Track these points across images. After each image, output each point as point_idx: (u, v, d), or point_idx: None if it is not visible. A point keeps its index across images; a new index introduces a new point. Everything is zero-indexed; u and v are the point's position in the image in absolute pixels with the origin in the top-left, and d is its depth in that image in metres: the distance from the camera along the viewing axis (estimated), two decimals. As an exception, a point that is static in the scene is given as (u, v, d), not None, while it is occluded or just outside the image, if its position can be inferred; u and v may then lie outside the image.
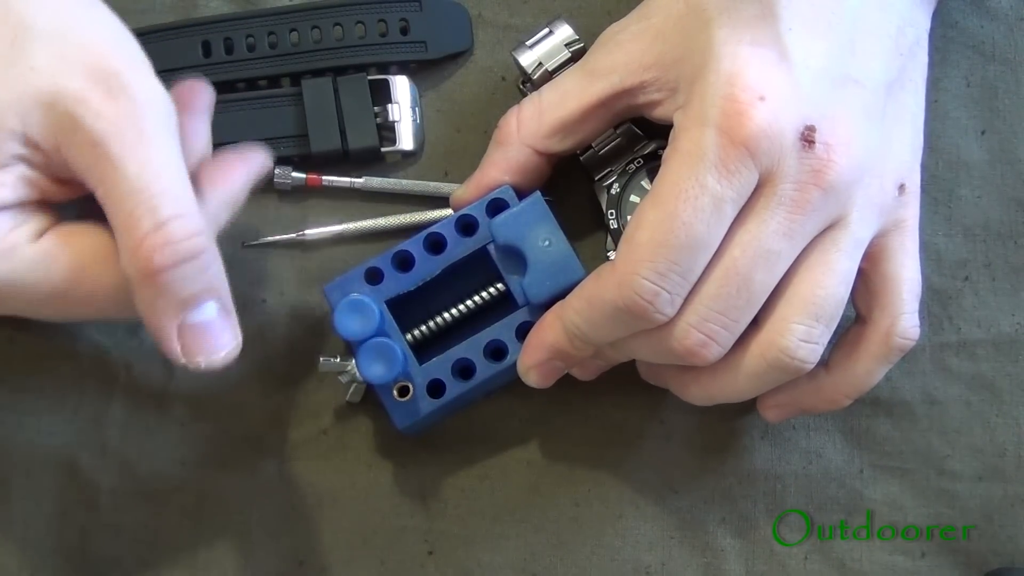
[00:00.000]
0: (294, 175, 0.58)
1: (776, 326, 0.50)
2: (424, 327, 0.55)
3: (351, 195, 0.59)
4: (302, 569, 0.57)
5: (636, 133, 0.56)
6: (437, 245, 0.55)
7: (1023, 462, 0.58)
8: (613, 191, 0.56)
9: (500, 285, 0.55)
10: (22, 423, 0.57)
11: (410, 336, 0.55)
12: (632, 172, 0.56)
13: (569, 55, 0.56)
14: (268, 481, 0.57)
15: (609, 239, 0.56)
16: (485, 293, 0.55)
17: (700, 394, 0.53)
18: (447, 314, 0.55)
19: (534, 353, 0.53)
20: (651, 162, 0.56)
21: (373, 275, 0.54)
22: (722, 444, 0.58)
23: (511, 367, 0.54)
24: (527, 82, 0.57)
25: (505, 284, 0.55)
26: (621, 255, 0.49)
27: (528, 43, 0.56)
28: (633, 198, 0.56)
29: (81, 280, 0.48)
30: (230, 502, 0.57)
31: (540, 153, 0.55)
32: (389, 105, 0.58)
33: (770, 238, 0.48)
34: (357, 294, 0.53)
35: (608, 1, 0.59)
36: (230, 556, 0.57)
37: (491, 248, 0.54)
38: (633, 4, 0.54)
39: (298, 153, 0.58)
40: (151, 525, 0.57)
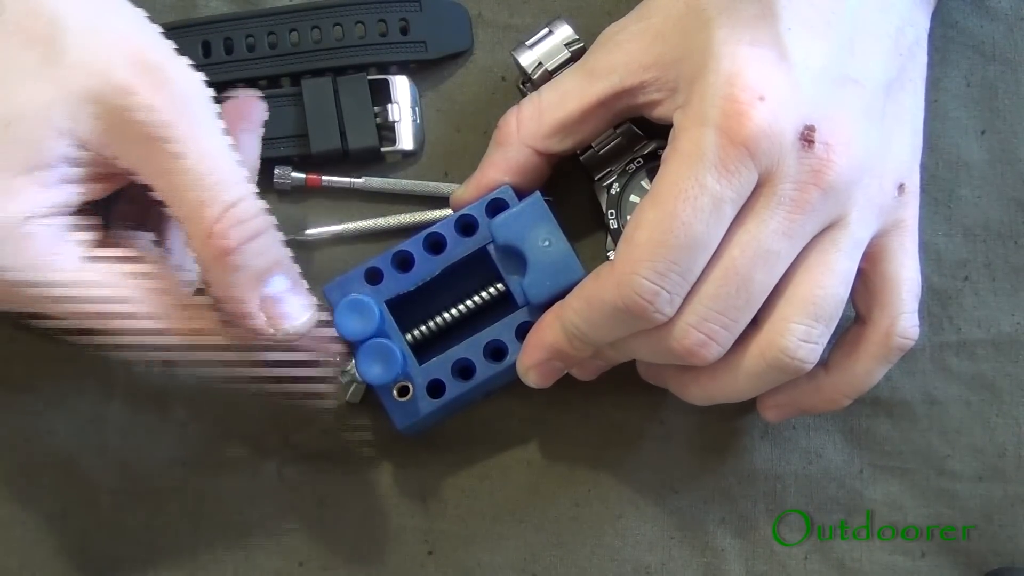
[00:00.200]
0: (294, 175, 0.58)
1: (776, 326, 0.50)
2: (424, 327, 0.55)
3: (351, 195, 0.59)
4: (302, 569, 0.57)
5: (636, 133, 0.56)
6: (437, 245, 0.55)
7: (1023, 462, 0.58)
8: (613, 191, 0.56)
9: (500, 285, 0.55)
10: (22, 423, 0.57)
11: (410, 336, 0.55)
12: (632, 172, 0.56)
13: (569, 55, 0.56)
14: (268, 481, 0.57)
15: (609, 239, 0.56)
16: (485, 293, 0.55)
17: (700, 394, 0.53)
18: (447, 314, 0.55)
19: (533, 353, 0.53)
20: (651, 162, 0.56)
21: (373, 275, 0.54)
22: (722, 444, 0.58)
23: (511, 367, 0.54)
24: (527, 82, 0.57)
25: (505, 284, 0.55)
26: (620, 255, 0.49)
27: (528, 43, 0.56)
28: (633, 198, 0.56)
29: (121, 307, 0.47)
30: (230, 502, 0.57)
31: (540, 153, 0.55)
32: (389, 105, 0.58)
33: (770, 238, 0.48)
34: (357, 294, 0.53)
35: (608, 1, 0.59)
36: (230, 556, 0.57)
37: (491, 248, 0.54)
38: (633, 4, 0.54)
39: (298, 153, 0.58)
40: (151, 525, 0.57)
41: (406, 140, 0.59)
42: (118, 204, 0.51)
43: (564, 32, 0.56)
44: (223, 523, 0.57)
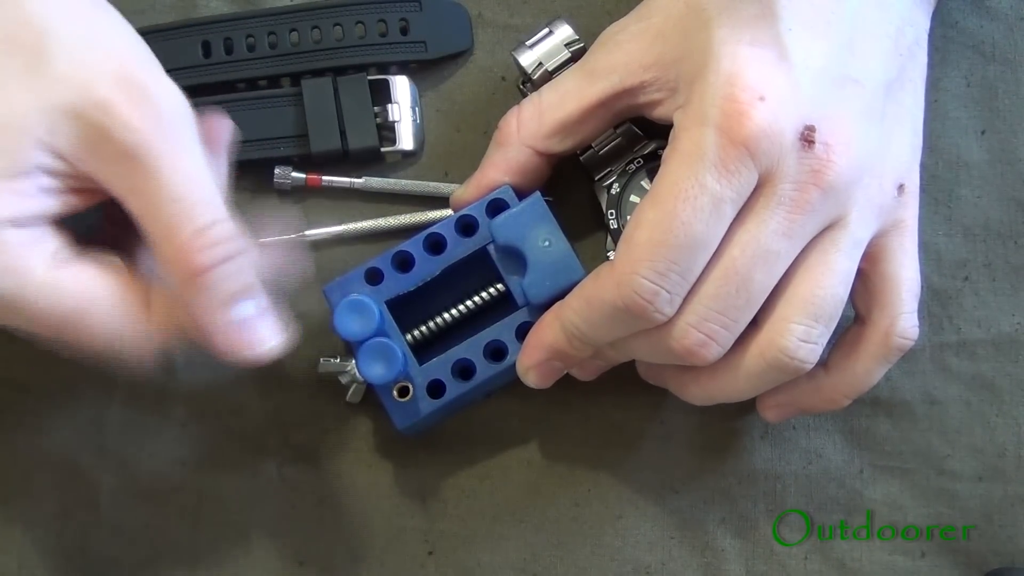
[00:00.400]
0: (294, 175, 0.58)
1: (775, 326, 0.50)
2: (424, 327, 0.55)
3: (351, 195, 0.59)
4: (302, 569, 0.57)
5: (636, 133, 0.56)
6: (437, 245, 0.55)
7: (1023, 462, 0.58)
8: (613, 191, 0.56)
9: (500, 285, 0.55)
10: (22, 423, 0.57)
11: (410, 336, 0.55)
12: (632, 172, 0.56)
13: (569, 55, 0.56)
14: (268, 481, 0.57)
15: (609, 239, 0.56)
16: (485, 293, 0.55)
17: (699, 394, 0.53)
18: (447, 314, 0.55)
19: (533, 353, 0.53)
20: (651, 162, 0.56)
21: (373, 275, 0.54)
22: (722, 444, 0.58)
23: (511, 367, 0.54)
24: (527, 82, 0.57)
25: (505, 284, 0.55)
26: (620, 255, 0.49)
27: (528, 43, 0.56)
28: (633, 198, 0.56)
29: (89, 314, 0.47)
30: (230, 502, 0.57)
31: (540, 153, 0.55)
32: (389, 105, 0.58)
33: (769, 238, 0.48)
34: (357, 294, 0.53)
35: (608, 1, 0.59)
36: (230, 556, 0.57)
37: (491, 248, 0.54)
38: (633, 4, 0.54)
39: (298, 153, 0.58)
40: (151, 525, 0.57)
41: (406, 140, 0.59)
42: (100, 224, 0.51)
43: (564, 32, 0.56)
44: (223, 523, 0.57)
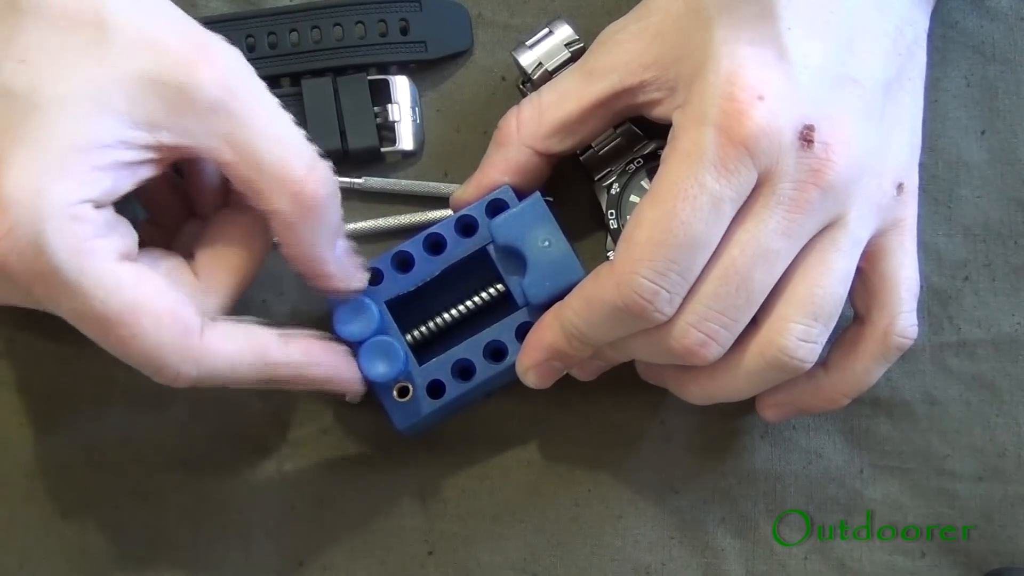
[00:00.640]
0: (294, 175, 0.58)
1: (775, 325, 0.50)
2: (424, 328, 0.55)
3: (351, 195, 0.59)
4: (302, 569, 0.57)
5: (636, 133, 0.56)
6: (437, 246, 0.55)
7: (1023, 462, 0.58)
8: (613, 191, 0.56)
9: (500, 286, 0.55)
10: (22, 423, 0.57)
11: (410, 337, 0.55)
12: (632, 172, 0.56)
13: (569, 55, 0.56)
14: (268, 481, 0.57)
15: (609, 239, 0.56)
16: (485, 294, 0.55)
17: (699, 393, 0.53)
18: (447, 315, 0.55)
19: (532, 354, 0.53)
20: (651, 162, 0.56)
21: (373, 276, 0.54)
22: (722, 444, 0.58)
23: (511, 368, 0.54)
24: (527, 82, 0.57)
25: (505, 285, 0.55)
26: (620, 255, 0.49)
27: (528, 43, 0.56)
28: (633, 198, 0.56)
29: (137, 320, 0.46)
30: (230, 502, 0.57)
31: (540, 154, 0.55)
32: (389, 105, 0.58)
33: (769, 237, 0.48)
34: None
35: (608, 1, 0.59)
36: (230, 556, 0.57)
37: (491, 249, 0.54)
38: (632, 3, 0.54)
39: (298, 153, 0.58)
40: (151, 525, 0.57)
41: (406, 140, 0.59)
42: (144, 226, 0.51)
43: (564, 32, 0.56)
44: (223, 523, 0.57)
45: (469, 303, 0.55)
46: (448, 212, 0.57)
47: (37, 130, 0.45)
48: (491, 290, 0.55)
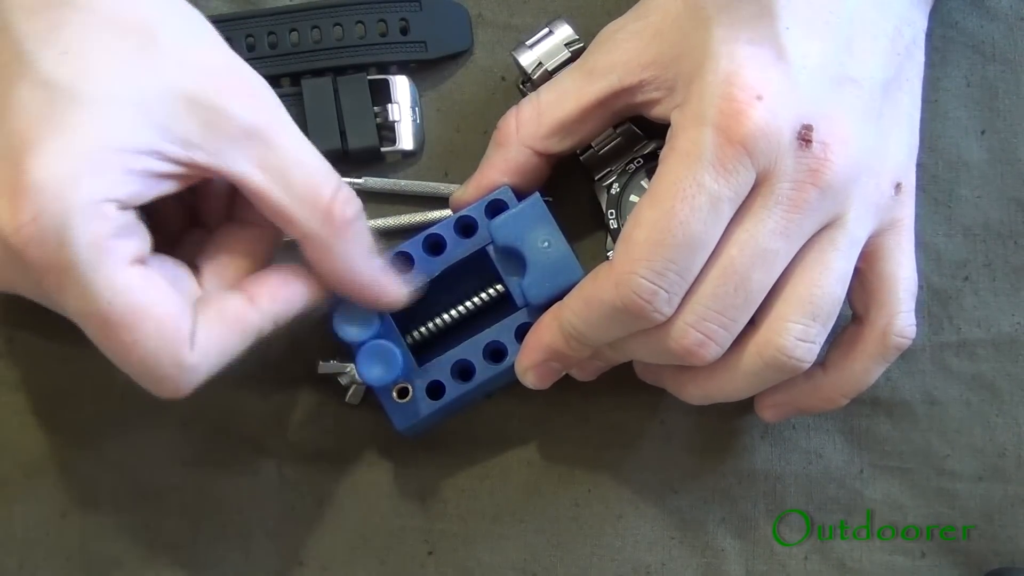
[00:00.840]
0: (294, 175, 0.58)
1: (773, 325, 0.50)
2: (423, 328, 0.55)
3: (351, 195, 0.59)
4: (302, 569, 0.57)
5: (636, 133, 0.56)
6: (436, 246, 0.55)
7: (1023, 462, 0.58)
8: (613, 191, 0.56)
9: (499, 286, 0.55)
10: (22, 423, 0.57)
11: (409, 338, 0.55)
12: (632, 172, 0.56)
13: (569, 55, 0.56)
14: (268, 481, 0.57)
15: (609, 239, 0.56)
16: (484, 294, 0.55)
17: (697, 393, 0.53)
18: (446, 315, 0.55)
19: (531, 354, 0.53)
20: (651, 162, 0.56)
21: (372, 276, 0.54)
22: (722, 444, 0.58)
23: (510, 368, 0.54)
24: (527, 82, 0.57)
25: (504, 285, 0.55)
26: (618, 254, 0.49)
27: (528, 43, 0.56)
28: (633, 198, 0.56)
29: (137, 325, 0.46)
30: (230, 502, 0.57)
31: (539, 154, 0.55)
32: (389, 105, 0.58)
33: (767, 237, 0.48)
34: (356, 295, 0.53)
35: (608, 1, 0.59)
36: (230, 556, 0.57)
37: (490, 249, 0.54)
38: (632, 3, 0.54)
39: (298, 153, 0.58)
40: (151, 525, 0.57)
41: (406, 140, 0.59)
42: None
43: (564, 32, 0.56)
44: (223, 523, 0.57)
45: (469, 304, 0.55)
46: (448, 212, 0.57)
47: (74, 123, 0.45)
48: (490, 291, 0.55)
